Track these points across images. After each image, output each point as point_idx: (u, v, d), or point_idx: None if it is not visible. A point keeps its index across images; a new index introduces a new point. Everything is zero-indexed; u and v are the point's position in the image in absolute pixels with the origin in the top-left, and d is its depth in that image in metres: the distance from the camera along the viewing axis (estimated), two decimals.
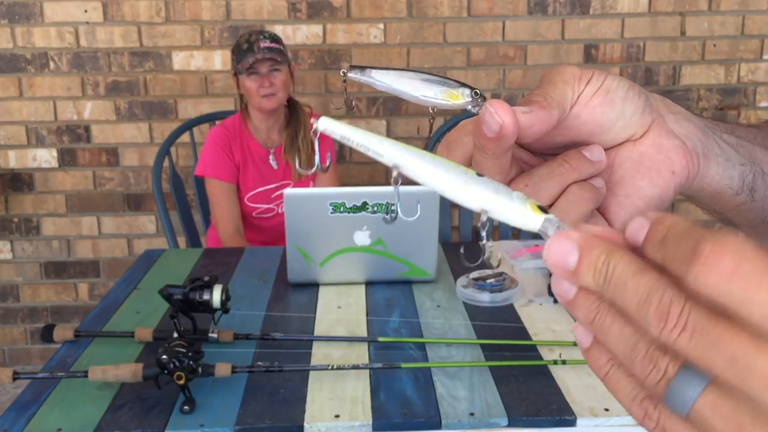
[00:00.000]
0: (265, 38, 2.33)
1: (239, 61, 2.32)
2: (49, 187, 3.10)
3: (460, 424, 1.22)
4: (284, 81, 2.34)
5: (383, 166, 2.96)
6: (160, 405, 1.26)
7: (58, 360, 1.45)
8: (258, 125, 2.43)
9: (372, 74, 0.47)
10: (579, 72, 0.46)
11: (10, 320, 3.24)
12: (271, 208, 2.46)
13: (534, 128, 0.43)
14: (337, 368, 1.35)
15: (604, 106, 0.45)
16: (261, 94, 2.31)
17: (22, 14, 2.92)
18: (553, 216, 0.39)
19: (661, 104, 0.49)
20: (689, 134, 0.48)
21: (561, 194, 0.45)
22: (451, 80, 0.46)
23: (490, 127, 0.42)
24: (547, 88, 0.45)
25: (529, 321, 1.58)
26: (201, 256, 2.08)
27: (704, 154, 0.49)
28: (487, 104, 0.42)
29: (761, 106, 3.13)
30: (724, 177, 0.50)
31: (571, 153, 0.46)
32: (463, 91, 0.46)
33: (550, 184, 0.45)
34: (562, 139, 0.47)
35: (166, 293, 1.40)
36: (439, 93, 0.46)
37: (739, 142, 0.52)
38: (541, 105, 0.44)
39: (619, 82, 0.46)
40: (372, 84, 0.47)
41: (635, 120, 0.46)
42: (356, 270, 1.79)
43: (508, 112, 0.42)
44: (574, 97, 0.45)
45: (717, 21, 3.03)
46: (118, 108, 3.03)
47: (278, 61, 2.31)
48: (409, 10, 2.97)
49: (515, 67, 3.05)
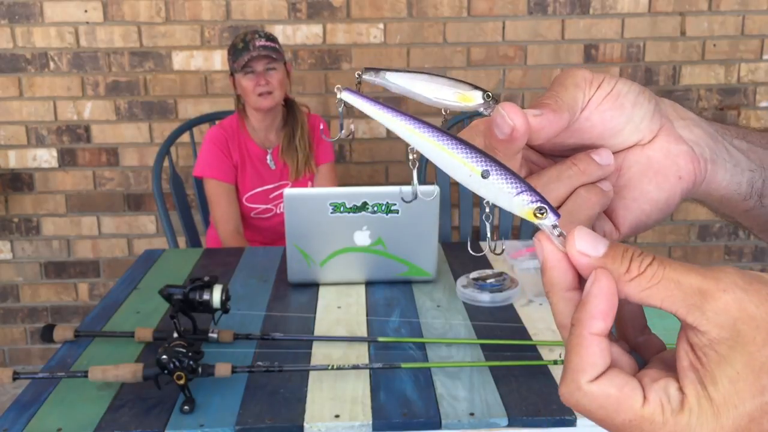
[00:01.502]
0: (260, 37, 2.33)
1: (235, 59, 2.32)
2: (49, 187, 3.10)
3: (460, 424, 1.22)
4: (280, 80, 2.34)
5: (383, 166, 2.96)
6: (160, 405, 1.26)
7: (58, 360, 1.45)
8: (255, 125, 2.43)
9: (387, 76, 0.47)
10: (590, 76, 0.46)
11: (10, 320, 3.24)
12: (269, 209, 2.46)
13: (544, 131, 0.44)
14: (337, 368, 1.35)
15: (614, 110, 0.46)
16: (257, 93, 2.31)
17: (22, 14, 2.92)
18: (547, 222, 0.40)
19: (670, 109, 0.49)
20: (698, 140, 0.49)
21: (569, 196, 0.46)
22: (463, 83, 0.47)
23: (501, 130, 0.42)
24: (558, 91, 0.45)
25: (529, 321, 1.58)
26: (201, 256, 2.08)
27: (712, 159, 0.49)
28: (498, 107, 0.43)
29: (761, 106, 3.13)
30: (731, 183, 0.50)
31: (580, 156, 0.46)
32: (476, 93, 0.46)
33: (559, 186, 0.46)
34: (572, 141, 0.47)
35: (166, 293, 1.40)
36: (452, 95, 0.47)
37: (751, 148, 0.52)
38: (552, 108, 0.44)
39: (630, 87, 0.46)
40: (386, 86, 0.47)
41: (644, 125, 0.47)
42: (356, 270, 1.79)
43: (520, 114, 0.42)
44: (585, 100, 0.45)
45: (717, 21, 3.03)
46: (118, 108, 3.03)
47: (274, 58, 2.31)
48: (409, 10, 2.97)
49: (515, 67, 3.05)
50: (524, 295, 1.71)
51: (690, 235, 3.23)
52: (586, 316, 0.36)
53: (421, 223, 1.74)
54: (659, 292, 0.36)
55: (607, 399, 0.35)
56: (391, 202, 1.71)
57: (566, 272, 0.39)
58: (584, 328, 0.36)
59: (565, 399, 0.36)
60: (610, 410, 0.35)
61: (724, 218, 0.57)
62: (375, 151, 3.10)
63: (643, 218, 0.48)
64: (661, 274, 0.36)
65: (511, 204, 0.40)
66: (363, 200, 1.71)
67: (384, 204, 1.71)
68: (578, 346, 0.36)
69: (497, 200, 0.41)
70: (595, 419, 0.36)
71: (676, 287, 0.35)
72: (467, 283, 1.72)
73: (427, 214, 1.73)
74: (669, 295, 0.35)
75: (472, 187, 0.41)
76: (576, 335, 0.37)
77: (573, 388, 0.36)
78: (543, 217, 0.40)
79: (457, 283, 1.74)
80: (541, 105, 0.44)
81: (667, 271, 0.36)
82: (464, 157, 0.41)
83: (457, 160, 0.41)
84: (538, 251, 0.40)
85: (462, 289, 1.71)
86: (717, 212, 0.57)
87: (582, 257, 0.38)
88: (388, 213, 1.72)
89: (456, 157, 0.41)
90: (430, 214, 1.74)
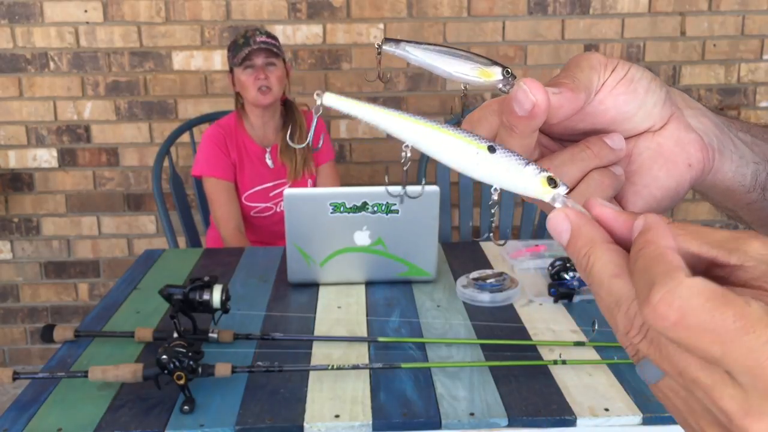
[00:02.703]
0: (261, 34, 2.36)
1: (235, 54, 2.34)
2: (49, 187, 3.10)
3: (460, 424, 1.22)
4: (279, 77, 2.35)
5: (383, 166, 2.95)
6: (160, 405, 1.26)
7: (58, 360, 1.45)
8: (254, 122, 2.43)
9: (407, 48, 0.47)
10: (605, 60, 0.46)
11: (10, 320, 3.24)
12: (269, 207, 2.46)
13: (563, 109, 0.43)
14: (337, 368, 1.35)
15: (628, 94, 0.46)
16: (257, 87, 2.31)
17: (22, 14, 2.92)
18: (562, 190, 0.40)
19: (679, 99, 0.49)
20: (706, 129, 0.49)
21: (582, 179, 0.46)
22: (483, 58, 0.46)
23: (522, 106, 0.42)
24: (575, 72, 0.45)
25: (529, 321, 1.58)
26: (201, 256, 2.08)
27: (719, 149, 0.49)
28: (520, 82, 0.42)
29: (761, 106, 3.13)
30: (737, 174, 0.51)
31: (593, 139, 0.46)
32: (495, 69, 0.46)
33: (572, 168, 0.45)
34: (584, 125, 0.47)
35: (166, 293, 1.40)
36: (471, 70, 0.46)
37: (754, 141, 0.53)
38: (570, 87, 0.44)
39: (643, 73, 0.46)
40: (406, 57, 0.47)
41: (656, 111, 0.47)
42: (356, 270, 1.79)
43: (541, 90, 0.42)
44: (600, 83, 0.46)
45: (717, 21, 3.03)
46: (118, 108, 3.03)
47: (274, 53, 2.33)
48: (409, 10, 2.97)
49: (515, 67, 3.05)
50: (524, 295, 1.71)
51: None
52: (657, 235, 0.34)
53: (421, 223, 1.74)
54: (695, 238, 0.35)
55: (713, 292, 0.30)
56: (391, 202, 1.71)
57: (598, 228, 0.38)
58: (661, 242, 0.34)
59: (667, 301, 0.30)
60: (719, 303, 0.30)
61: (725, 212, 0.57)
62: (375, 151, 3.10)
63: (654, 204, 0.47)
64: (691, 227, 0.36)
65: (521, 174, 0.40)
66: (363, 200, 1.71)
67: (384, 204, 1.71)
68: (661, 255, 0.33)
69: (506, 174, 0.40)
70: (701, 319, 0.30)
71: (709, 235, 0.35)
72: (467, 283, 1.72)
73: (427, 214, 1.73)
74: (706, 241, 0.35)
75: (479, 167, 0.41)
76: (653, 249, 0.33)
77: (674, 284, 0.31)
78: (554, 186, 0.40)
79: (457, 283, 1.74)
80: (558, 84, 0.44)
81: (695, 225, 0.36)
82: (468, 136, 0.41)
83: (462, 140, 0.41)
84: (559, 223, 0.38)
85: (462, 289, 1.71)
86: (719, 206, 0.57)
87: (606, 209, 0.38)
88: (388, 213, 1.72)
89: (460, 137, 0.41)
90: (430, 214, 1.74)
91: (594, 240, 0.37)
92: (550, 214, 0.39)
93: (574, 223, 0.38)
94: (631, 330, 0.34)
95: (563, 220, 0.38)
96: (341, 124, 3.08)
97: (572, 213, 0.38)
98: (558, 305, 1.66)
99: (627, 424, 1.22)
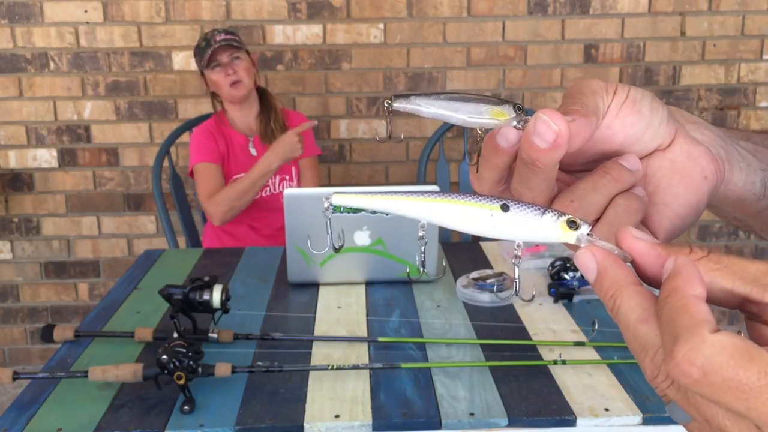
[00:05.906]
0: (219, 32, 2.44)
1: (201, 57, 2.43)
2: (49, 187, 3.10)
3: (460, 424, 1.22)
4: (246, 68, 2.43)
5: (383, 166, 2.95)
6: (160, 405, 1.26)
7: (58, 360, 1.45)
8: (235, 117, 2.52)
9: (417, 101, 0.46)
10: (604, 84, 0.45)
11: (10, 320, 3.24)
12: None
13: (579, 137, 0.42)
14: (337, 368, 1.35)
15: (634, 116, 0.45)
16: (228, 83, 2.40)
17: (22, 14, 2.92)
18: (584, 230, 0.40)
19: (678, 114, 0.49)
20: (711, 141, 0.49)
21: (607, 206, 0.44)
22: (491, 98, 0.45)
23: (544, 138, 0.40)
24: (579, 98, 0.44)
25: (529, 321, 1.58)
26: (201, 256, 2.08)
27: (728, 160, 0.49)
28: (539, 114, 0.41)
29: (761, 106, 3.13)
30: (747, 182, 0.50)
31: (610, 164, 0.45)
32: (506, 108, 0.45)
33: (596, 197, 0.44)
34: (593, 152, 0.46)
35: (166, 293, 1.40)
36: (484, 113, 0.45)
37: (756, 148, 0.53)
38: (581, 113, 0.42)
39: (643, 93, 0.46)
40: (417, 111, 0.46)
41: (662, 129, 0.46)
42: (356, 270, 1.79)
43: (562, 119, 0.40)
44: (605, 107, 0.45)
45: (717, 21, 3.03)
46: (118, 108, 3.03)
47: (236, 47, 2.41)
48: (409, 10, 2.97)
49: (515, 67, 3.05)
50: (525, 294, 1.71)
51: (690, 235, 3.23)
52: (684, 282, 0.34)
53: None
54: (729, 273, 0.35)
55: (736, 348, 0.30)
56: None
57: (624, 268, 0.37)
58: (687, 291, 0.33)
59: (689, 358, 0.31)
60: (743, 360, 0.30)
61: (735, 222, 0.57)
62: (375, 151, 3.10)
63: (678, 222, 0.47)
64: (726, 260, 0.35)
65: (540, 225, 0.40)
66: None
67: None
68: (685, 306, 0.33)
69: (525, 228, 0.40)
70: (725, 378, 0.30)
71: (744, 270, 0.35)
72: (467, 283, 1.72)
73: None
74: (740, 277, 0.35)
75: (497, 228, 0.41)
76: (678, 299, 0.33)
77: (697, 341, 0.31)
78: (576, 228, 0.40)
79: (457, 283, 1.74)
80: (569, 111, 0.42)
81: (730, 258, 0.35)
82: (478, 200, 0.41)
83: (473, 206, 0.41)
84: (586, 262, 0.38)
85: (462, 289, 1.71)
86: (728, 217, 0.56)
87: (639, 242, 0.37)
88: (387, 213, 1.72)
89: (470, 203, 0.41)
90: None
91: (620, 282, 0.36)
92: (576, 253, 0.38)
93: (600, 264, 0.37)
94: (659, 376, 0.34)
95: (590, 260, 0.38)
96: (341, 124, 3.08)
97: (599, 252, 0.38)
98: (558, 305, 1.66)
99: (627, 424, 1.22)
